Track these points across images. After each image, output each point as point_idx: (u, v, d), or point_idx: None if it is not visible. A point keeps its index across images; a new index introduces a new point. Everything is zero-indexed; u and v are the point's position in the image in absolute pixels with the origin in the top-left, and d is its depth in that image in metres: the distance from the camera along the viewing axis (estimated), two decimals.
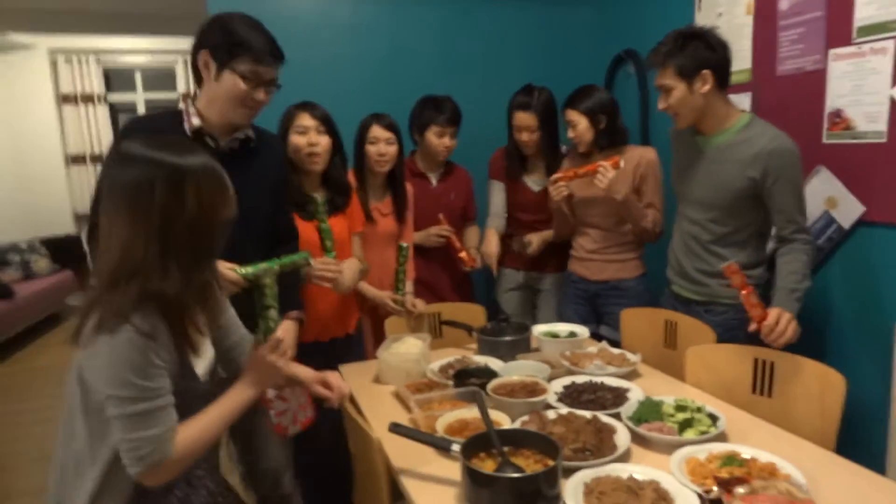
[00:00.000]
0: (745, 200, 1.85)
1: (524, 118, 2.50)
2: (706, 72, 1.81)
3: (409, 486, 1.29)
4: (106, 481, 1.15)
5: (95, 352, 1.07)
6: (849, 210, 1.99)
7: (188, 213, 1.11)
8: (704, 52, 1.81)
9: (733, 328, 1.89)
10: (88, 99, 7.06)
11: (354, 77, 2.93)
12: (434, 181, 2.62)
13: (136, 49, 7.05)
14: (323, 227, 2.05)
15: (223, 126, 1.66)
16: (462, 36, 3.08)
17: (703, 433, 1.39)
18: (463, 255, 2.49)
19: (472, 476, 1.17)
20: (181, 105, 1.70)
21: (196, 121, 1.62)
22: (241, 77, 1.58)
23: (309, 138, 2.02)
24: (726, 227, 1.91)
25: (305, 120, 2.03)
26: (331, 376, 1.43)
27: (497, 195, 2.70)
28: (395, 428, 1.36)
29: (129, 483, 1.15)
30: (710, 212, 1.93)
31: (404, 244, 2.28)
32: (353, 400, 1.77)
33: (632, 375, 1.82)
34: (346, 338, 2.21)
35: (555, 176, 2.29)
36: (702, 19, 2.51)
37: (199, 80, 1.65)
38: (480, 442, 1.29)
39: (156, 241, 1.10)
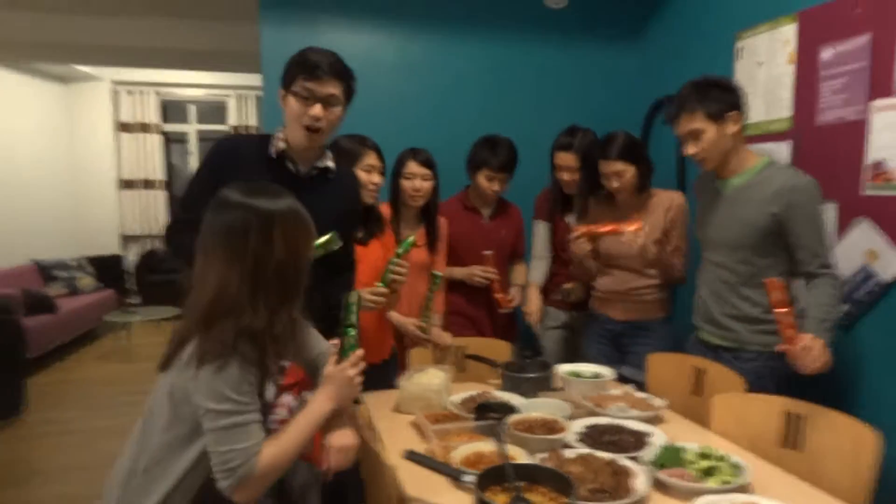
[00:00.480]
0: (768, 238, 1.85)
1: (565, 158, 2.53)
2: (734, 113, 1.86)
3: None
4: (171, 497, 1.21)
5: (198, 377, 1.17)
6: (890, 263, 1.93)
7: (277, 256, 1.21)
8: (727, 95, 1.87)
9: (763, 376, 1.84)
10: (145, 128, 7.43)
11: (399, 115, 3.00)
12: (486, 217, 2.65)
13: (191, 83, 7.41)
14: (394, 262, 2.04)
15: (302, 152, 1.74)
16: (506, 76, 3.15)
17: (725, 483, 1.34)
18: (499, 296, 2.51)
19: None
20: (275, 132, 1.79)
21: (282, 144, 1.72)
22: (295, 95, 1.66)
23: (372, 178, 2.16)
24: (752, 266, 1.90)
25: (374, 159, 2.18)
26: (336, 441, 1.37)
27: (540, 235, 2.73)
28: (411, 455, 1.35)
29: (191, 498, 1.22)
30: (736, 252, 1.93)
31: (438, 273, 2.29)
32: (370, 427, 1.77)
33: (656, 420, 1.77)
34: (382, 364, 2.20)
35: (575, 233, 2.27)
36: (742, 68, 2.51)
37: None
38: (495, 475, 1.27)
39: (248, 280, 1.20)
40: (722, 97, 1.86)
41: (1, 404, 3.95)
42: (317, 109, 1.65)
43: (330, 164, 1.81)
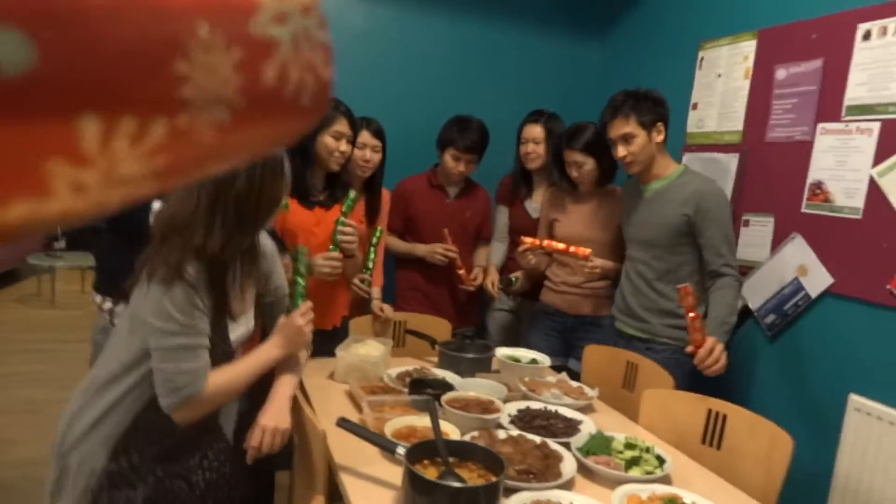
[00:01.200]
0: (681, 237, 2.05)
1: (533, 129, 2.56)
2: (660, 124, 2.05)
3: (349, 483, 1.27)
4: (114, 406, 1.27)
5: (148, 293, 1.22)
6: (818, 280, 2.03)
7: (237, 186, 1.25)
8: (657, 107, 2.06)
9: (670, 366, 1.97)
10: None
11: (363, 82, 2.92)
12: (451, 196, 2.64)
13: None
14: (340, 221, 2.03)
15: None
16: (477, 56, 3.11)
17: (648, 473, 1.39)
18: (461, 273, 2.53)
19: (414, 481, 1.15)
20: None
21: None
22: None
23: (340, 145, 2.04)
24: (667, 263, 2.09)
25: (344, 126, 2.04)
26: (268, 422, 1.37)
27: (500, 220, 2.75)
28: (343, 423, 1.34)
29: (131, 415, 1.28)
30: (652, 249, 2.12)
31: (379, 227, 2.28)
32: (304, 394, 1.74)
33: (587, 409, 1.82)
34: (331, 331, 2.16)
35: (523, 247, 2.29)
36: (701, 77, 2.58)
37: None
38: (427, 449, 1.27)
39: (206, 203, 1.24)
40: (653, 109, 2.04)
41: None
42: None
43: None
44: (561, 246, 2.26)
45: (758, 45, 2.32)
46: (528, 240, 2.30)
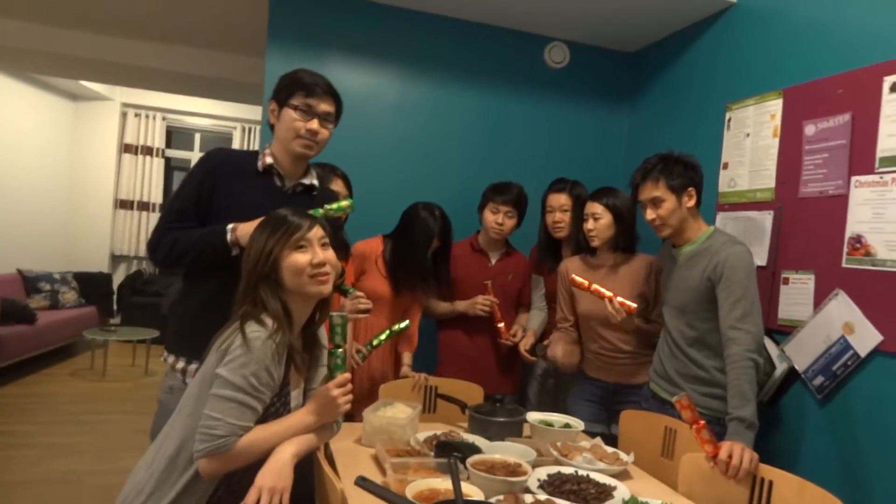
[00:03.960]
0: (707, 303, 1.97)
1: (558, 197, 2.59)
2: (692, 189, 2.02)
3: None
4: (189, 488, 1.33)
5: (234, 346, 1.32)
6: (866, 337, 1.93)
7: (249, 257, 1.43)
8: (689, 171, 2.04)
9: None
10: (148, 151, 7.51)
11: (395, 155, 3.05)
12: (493, 261, 2.68)
13: (198, 112, 7.54)
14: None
15: (290, 167, 1.80)
16: (502, 127, 3.21)
17: None
18: (501, 325, 2.54)
19: None
20: (261, 149, 1.86)
21: (269, 159, 1.78)
22: (295, 109, 1.73)
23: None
24: (696, 330, 2.02)
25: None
26: (265, 482, 1.33)
27: (537, 288, 2.75)
28: (362, 482, 1.31)
29: (205, 499, 1.34)
30: (684, 315, 2.06)
31: (404, 324, 2.32)
32: (328, 456, 1.72)
33: (622, 476, 1.73)
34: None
35: (574, 278, 2.30)
36: (730, 137, 2.58)
37: (272, 129, 1.82)
38: None
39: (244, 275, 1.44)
40: (684, 173, 2.02)
41: None
42: (314, 124, 1.74)
43: (314, 181, 1.86)
44: (608, 294, 2.22)
45: (784, 103, 2.33)
46: (578, 279, 2.29)
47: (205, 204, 1.71)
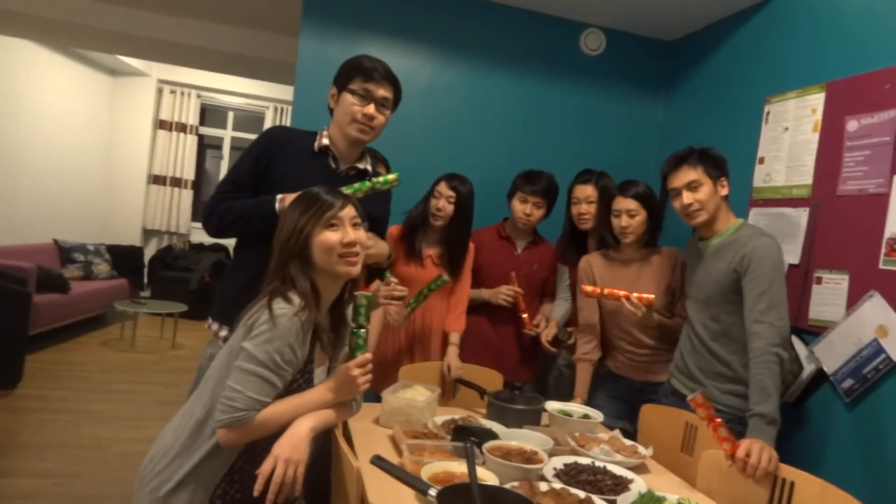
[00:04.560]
0: (732, 295, 1.93)
1: (584, 189, 2.55)
2: (724, 179, 2.01)
3: None
4: (214, 452, 1.35)
5: (261, 321, 1.33)
6: None
7: (282, 233, 1.44)
8: (720, 163, 2.03)
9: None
10: (182, 128, 7.61)
11: (426, 137, 3.04)
12: (519, 249, 2.67)
13: (232, 91, 7.62)
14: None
15: (346, 150, 1.84)
16: (535, 114, 3.17)
17: None
18: (525, 315, 2.53)
19: None
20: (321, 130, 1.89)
21: (326, 141, 1.82)
22: (352, 93, 1.77)
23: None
24: (721, 324, 1.98)
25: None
26: (282, 452, 1.34)
27: (563, 278, 2.73)
28: (377, 461, 1.32)
29: (228, 464, 1.37)
30: (708, 309, 2.02)
31: (444, 277, 2.32)
32: (346, 435, 1.74)
33: (640, 469, 1.72)
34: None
35: (585, 288, 2.29)
36: (768, 131, 2.51)
37: (331, 113, 1.86)
38: (459, 492, 1.23)
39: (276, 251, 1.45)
40: (717, 164, 2.02)
41: None
42: (371, 108, 1.78)
43: (368, 167, 1.90)
44: (622, 294, 2.20)
45: (826, 98, 2.25)
46: (589, 288, 2.27)
47: (260, 178, 1.76)
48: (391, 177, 1.79)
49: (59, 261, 6.00)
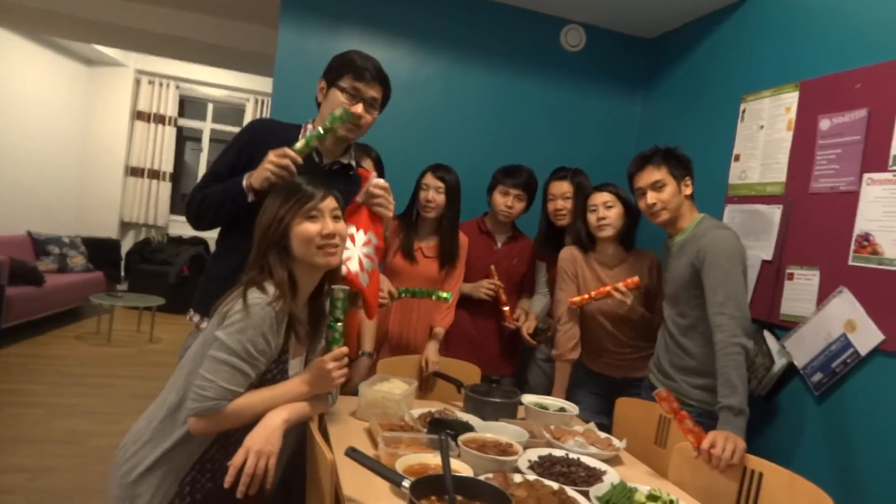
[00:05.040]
0: (694, 289, 1.97)
1: (560, 185, 2.56)
2: (688, 178, 2.06)
3: None
4: (187, 438, 1.36)
5: (234, 310, 1.33)
6: (867, 336, 1.92)
7: (262, 221, 1.45)
8: (684, 163, 2.08)
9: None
10: (160, 119, 7.51)
11: (406, 132, 3.03)
12: (499, 243, 2.67)
13: (212, 83, 7.53)
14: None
15: (330, 145, 1.81)
16: (514, 109, 3.17)
17: None
18: (506, 309, 2.54)
19: None
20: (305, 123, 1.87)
21: None
22: (342, 91, 1.75)
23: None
24: (688, 318, 2.02)
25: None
26: (254, 444, 1.33)
27: (541, 274, 2.75)
28: (352, 453, 1.32)
29: (201, 449, 1.37)
30: (676, 305, 2.07)
31: (448, 294, 2.35)
32: (322, 428, 1.74)
33: (614, 461, 1.74)
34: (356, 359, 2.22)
35: (572, 300, 2.30)
36: (743, 129, 2.55)
37: (318, 107, 1.84)
38: (433, 484, 1.24)
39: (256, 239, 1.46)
40: (681, 164, 2.06)
41: None
42: (360, 108, 1.76)
43: (352, 161, 1.89)
44: (608, 288, 2.22)
45: (800, 97, 2.29)
46: (575, 300, 2.29)
47: (242, 171, 1.72)
48: (337, 112, 1.71)
49: (33, 253, 5.89)
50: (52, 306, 5.54)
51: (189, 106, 7.85)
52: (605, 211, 2.29)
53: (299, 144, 1.65)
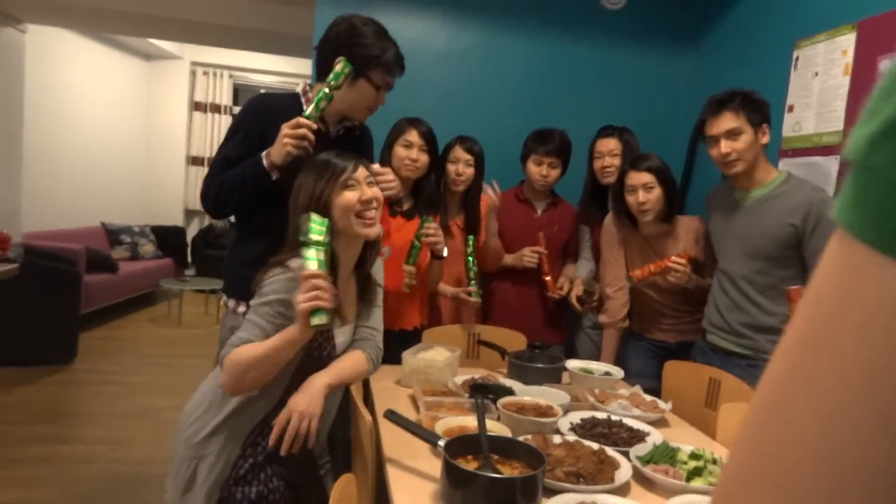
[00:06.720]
0: (787, 250, 1.87)
1: (607, 142, 2.51)
2: (766, 125, 1.92)
3: (393, 475, 1.29)
4: (249, 402, 1.44)
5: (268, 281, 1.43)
6: None
7: (300, 198, 1.49)
8: (764, 108, 1.94)
9: None
10: (216, 109, 7.76)
11: (444, 102, 3.02)
12: (539, 211, 2.65)
13: (263, 69, 7.69)
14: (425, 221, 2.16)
15: (335, 117, 1.86)
16: (557, 74, 3.11)
17: (711, 484, 1.29)
18: (548, 278, 2.51)
19: (451, 472, 1.15)
20: (299, 90, 1.90)
21: None
22: (375, 87, 1.79)
23: (410, 154, 2.19)
24: (769, 276, 1.92)
25: (413, 136, 2.21)
26: (297, 405, 1.38)
27: (585, 239, 2.70)
28: (390, 415, 1.36)
29: (261, 415, 1.44)
30: (754, 262, 1.95)
31: (471, 236, 2.30)
32: (367, 395, 1.80)
33: (659, 424, 1.72)
34: (399, 332, 2.22)
35: (634, 273, 2.21)
36: (797, 78, 2.41)
37: (322, 73, 1.82)
38: (469, 444, 1.26)
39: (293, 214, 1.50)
40: (760, 109, 1.95)
41: (55, 351, 4.21)
42: (383, 98, 1.85)
43: (356, 122, 1.93)
44: (665, 263, 2.12)
45: (858, 38, 2.14)
46: (636, 273, 2.19)
47: (255, 151, 1.74)
48: (337, 67, 1.71)
49: (107, 243, 6.26)
50: (127, 292, 5.88)
51: (243, 94, 8.07)
52: (646, 194, 2.16)
53: (310, 110, 1.67)
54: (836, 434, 0.19)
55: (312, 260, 1.35)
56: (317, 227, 1.38)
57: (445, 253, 2.20)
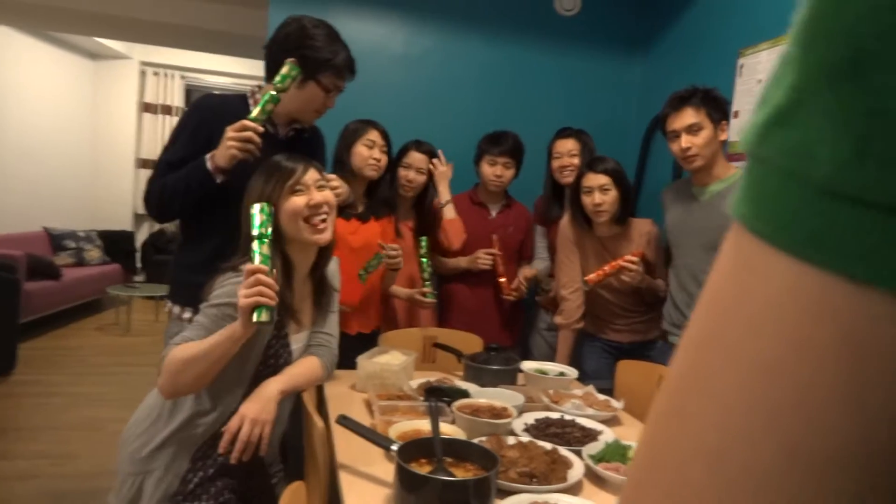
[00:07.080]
0: None
1: (565, 143, 2.55)
2: (725, 122, 1.95)
3: (345, 480, 1.26)
4: (200, 414, 1.41)
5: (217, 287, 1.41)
6: None
7: (249, 199, 1.45)
8: (723, 105, 1.99)
9: None
10: (167, 110, 7.55)
11: (400, 106, 3.02)
12: (493, 213, 2.66)
13: (217, 70, 7.54)
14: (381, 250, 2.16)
15: (285, 119, 1.82)
16: (511, 78, 3.14)
17: None
18: (503, 280, 2.52)
19: (402, 476, 1.13)
20: (248, 91, 1.86)
21: None
22: (325, 89, 1.76)
23: (374, 153, 2.18)
24: None
25: (374, 136, 2.20)
26: (249, 411, 1.35)
27: (540, 240, 2.73)
28: (343, 420, 1.34)
29: (214, 428, 1.40)
30: (713, 254, 1.91)
31: (423, 237, 2.30)
32: (321, 400, 1.77)
33: (612, 422, 1.74)
34: (357, 336, 2.20)
35: (589, 278, 2.22)
36: (741, 85, 2.49)
37: (271, 74, 1.77)
38: (422, 447, 1.25)
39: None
40: (721, 106, 2.01)
41: None
42: (332, 101, 1.82)
43: (305, 125, 1.91)
44: (619, 262, 2.15)
45: None
46: (591, 277, 2.22)
47: (201, 152, 1.68)
48: (284, 70, 1.68)
49: (49, 248, 6.00)
50: (71, 299, 5.65)
51: (195, 95, 7.87)
52: (602, 196, 2.19)
53: (255, 112, 1.64)
54: (728, 436, 0.19)
55: (256, 253, 1.32)
56: (258, 220, 1.35)
57: (402, 266, 2.21)
